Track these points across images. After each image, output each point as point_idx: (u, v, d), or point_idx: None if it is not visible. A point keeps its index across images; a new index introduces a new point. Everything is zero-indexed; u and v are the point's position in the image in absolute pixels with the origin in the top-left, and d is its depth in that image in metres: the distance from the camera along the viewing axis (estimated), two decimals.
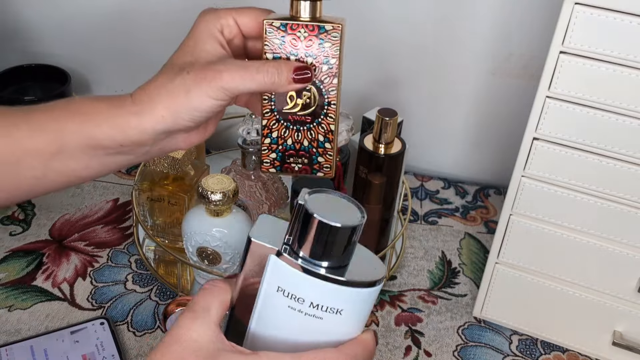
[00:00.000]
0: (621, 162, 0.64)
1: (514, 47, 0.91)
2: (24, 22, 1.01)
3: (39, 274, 0.80)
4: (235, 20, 0.51)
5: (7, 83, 0.97)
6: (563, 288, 0.73)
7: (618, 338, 0.72)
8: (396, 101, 0.97)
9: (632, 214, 0.66)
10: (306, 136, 0.50)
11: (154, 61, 1.01)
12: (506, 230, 0.72)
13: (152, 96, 0.48)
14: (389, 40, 0.94)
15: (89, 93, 1.06)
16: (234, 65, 0.48)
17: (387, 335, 0.76)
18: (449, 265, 0.87)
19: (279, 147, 0.50)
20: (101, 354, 0.70)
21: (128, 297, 0.78)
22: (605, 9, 0.58)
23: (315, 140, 0.50)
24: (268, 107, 0.50)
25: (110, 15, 0.98)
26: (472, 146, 1.01)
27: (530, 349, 0.76)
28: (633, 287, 0.69)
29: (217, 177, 0.72)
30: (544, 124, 0.65)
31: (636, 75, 0.60)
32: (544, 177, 0.68)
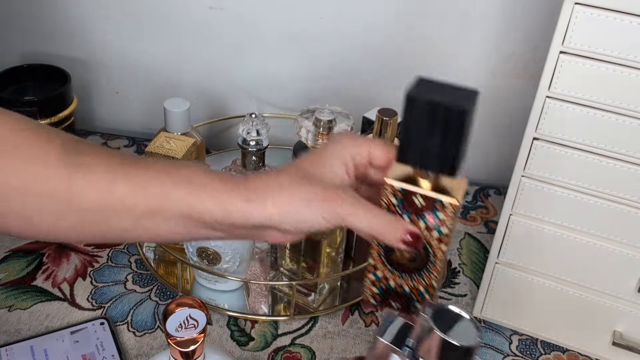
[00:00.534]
0: (621, 162, 0.64)
1: (514, 47, 0.91)
2: (24, 22, 1.01)
3: (39, 274, 0.80)
4: (369, 151, 0.52)
5: (7, 83, 0.97)
6: (563, 288, 0.73)
7: (618, 338, 0.72)
8: (396, 101, 0.97)
9: (632, 214, 0.66)
10: (408, 283, 0.52)
11: (154, 62, 1.01)
12: (506, 230, 0.72)
13: (269, 191, 0.48)
14: (389, 40, 0.94)
15: (89, 93, 1.06)
16: (357, 201, 0.49)
17: None
18: (449, 265, 0.87)
19: (382, 285, 0.53)
20: (101, 354, 0.70)
21: (128, 297, 0.78)
22: (605, 9, 0.58)
23: (416, 289, 0.53)
24: (377, 249, 0.52)
25: (110, 15, 0.98)
26: (472, 146, 1.01)
27: (530, 349, 0.76)
28: (633, 287, 0.69)
29: None
30: (544, 124, 0.65)
31: (636, 75, 0.60)
32: (544, 177, 0.68)
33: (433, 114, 0.52)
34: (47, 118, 0.94)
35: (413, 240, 0.47)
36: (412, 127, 0.53)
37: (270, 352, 0.73)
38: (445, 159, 0.54)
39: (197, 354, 0.55)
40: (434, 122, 0.52)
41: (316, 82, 0.99)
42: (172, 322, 0.54)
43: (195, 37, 0.98)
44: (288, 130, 0.86)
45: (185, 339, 0.53)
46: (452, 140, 0.53)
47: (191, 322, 0.54)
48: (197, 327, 0.54)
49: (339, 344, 0.75)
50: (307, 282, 0.76)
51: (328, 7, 0.93)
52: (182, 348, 0.54)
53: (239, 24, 0.96)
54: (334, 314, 0.78)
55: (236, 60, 0.99)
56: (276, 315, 0.78)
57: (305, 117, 0.81)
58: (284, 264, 0.77)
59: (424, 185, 0.53)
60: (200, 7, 0.95)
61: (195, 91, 1.02)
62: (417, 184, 0.53)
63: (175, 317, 0.54)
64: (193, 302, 0.55)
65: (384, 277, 0.52)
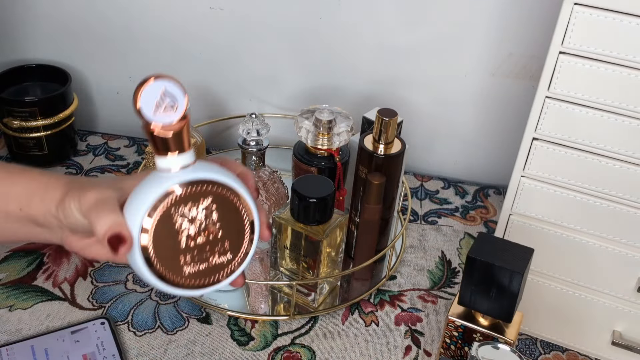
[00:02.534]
0: (621, 162, 0.64)
1: (514, 47, 0.91)
2: (25, 22, 1.01)
3: (39, 274, 0.80)
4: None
5: (7, 83, 0.97)
6: (563, 288, 0.73)
7: (617, 338, 0.72)
8: (396, 101, 0.97)
9: (632, 213, 0.66)
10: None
11: (154, 61, 1.01)
12: (506, 230, 0.72)
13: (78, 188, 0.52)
14: (389, 40, 0.94)
15: (89, 93, 1.06)
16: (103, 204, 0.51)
17: (387, 335, 0.76)
18: (448, 265, 0.87)
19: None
20: (101, 353, 0.70)
21: (128, 297, 0.78)
22: (605, 9, 0.59)
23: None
24: None
25: (110, 15, 0.98)
26: (472, 146, 1.01)
27: (530, 349, 0.76)
28: (633, 287, 0.69)
29: None
30: (544, 124, 0.65)
31: (636, 75, 0.60)
32: (543, 177, 0.68)
33: (490, 274, 0.62)
34: (47, 118, 0.94)
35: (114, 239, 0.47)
36: (472, 283, 0.63)
37: (270, 352, 0.73)
38: (500, 310, 0.63)
39: (185, 144, 0.48)
40: (492, 280, 0.62)
41: (316, 82, 0.99)
42: (145, 99, 0.46)
43: (195, 37, 0.98)
44: (288, 130, 0.86)
45: (166, 124, 0.46)
46: (508, 295, 0.62)
47: (167, 102, 0.47)
48: (177, 105, 0.47)
49: (339, 343, 0.75)
50: (307, 282, 0.77)
51: (328, 7, 0.93)
52: (163, 134, 0.47)
53: (239, 24, 0.96)
54: (334, 313, 0.78)
55: (236, 60, 0.99)
56: (276, 315, 0.78)
57: (305, 117, 0.81)
58: (284, 264, 0.77)
59: (482, 322, 0.65)
60: (200, 7, 0.95)
61: (195, 91, 1.02)
62: (475, 322, 0.65)
63: (148, 92, 0.46)
64: (166, 76, 0.47)
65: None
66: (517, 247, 0.63)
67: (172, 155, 0.48)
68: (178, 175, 0.48)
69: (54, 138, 0.96)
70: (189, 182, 0.47)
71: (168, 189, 0.47)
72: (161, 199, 0.47)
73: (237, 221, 0.50)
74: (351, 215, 0.82)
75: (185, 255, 0.48)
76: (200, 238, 0.49)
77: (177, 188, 0.47)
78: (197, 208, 0.48)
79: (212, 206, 0.48)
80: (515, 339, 0.64)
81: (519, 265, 0.61)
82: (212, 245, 0.49)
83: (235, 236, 0.50)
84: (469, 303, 0.64)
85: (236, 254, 0.51)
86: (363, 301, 0.80)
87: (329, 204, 0.72)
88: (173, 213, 0.47)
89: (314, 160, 0.82)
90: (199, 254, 0.49)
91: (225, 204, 0.49)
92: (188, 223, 0.48)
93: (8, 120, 0.93)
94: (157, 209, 0.47)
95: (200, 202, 0.48)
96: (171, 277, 0.48)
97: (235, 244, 0.50)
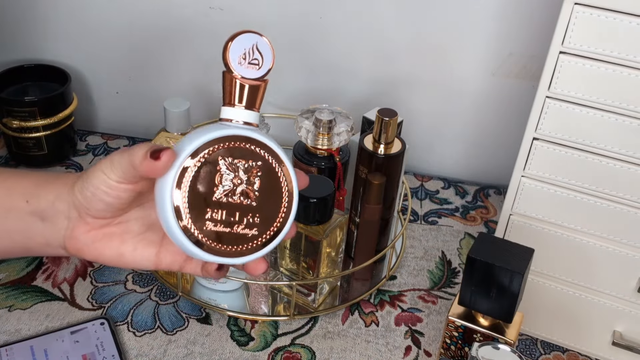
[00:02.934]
0: (621, 162, 0.64)
1: (514, 47, 0.91)
2: (25, 22, 1.01)
3: (39, 274, 0.80)
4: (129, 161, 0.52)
5: (7, 83, 0.97)
6: (563, 288, 0.73)
7: (618, 338, 0.72)
8: (396, 101, 0.97)
9: (632, 214, 0.66)
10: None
11: (154, 61, 1.01)
12: (506, 230, 0.72)
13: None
14: (389, 40, 0.94)
15: (89, 93, 1.06)
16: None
17: (387, 335, 0.76)
18: (449, 265, 0.87)
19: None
20: (101, 354, 0.70)
21: (128, 297, 0.78)
22: (605, 9, 0.58)
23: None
24: None
25: (110, 15, 0.98)
26: (472, 146, 1.01)
27: (530, 349, 0.76)
28: (633, 287, 0.69)
29: None
30: (544, 124, 0.65)
31: (636, 75, 0.60)
32: (544, 177, 0.68)
33: (491, 274, 0.62)
34: (47, 118, 0.94)
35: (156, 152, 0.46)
36: (473, 283, 0.63)
37: (270, 352, 0.73)
38: (501, 310, 0.63)
39: (256, 102, 0.49)
40: (492, 280, 0.62)
41: (316, 82, 0.99)
42: (236, 46, 0.47)
43: (195, 36, 0.98)
44: (288, 130, 0.86)
45: (248, 80, 0.48)
46: (508, 295, 0.62)
47: (255, 58, 0.49)
48: (262, 64, 0.49)
49: (339, 344, 0.75)
50: (307, 282, 0.76)
51: (328, 6, 0.93)
52: (240, 81, 0.48)
53: (239, 24, 0.96)
54: (334, 314, 0.78)
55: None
56: (276, 315, 0.78)
57: (305, 117, 0.81)
58: (284, 264, 0.77)
59: (482, 322, 0.65)
60: (200, 7, 0.95)
61: (195, 91, 1.02)
62: (476, 322, 0.65)
63: (241, 41, 0.47)
64: (264, 36, 0.48)
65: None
66: (518, 247, 0.63)
67: (239, 107, 0.48)
68: (238, 128, 0.47)
69: (54, 138, 0.96)
70: (246, 137, 0.47)
71: (226, 134, 0.46)
72: (215, 141, 0.46)
73: (276, 200, 0.48)
74: (351, 215, 0.82)
75: (213, 210, 0.47)
76: (235, 198, 0.47)
77: (234, 137, 0.46)
78: (244, 166, 0.47)
79: (258, 172, 0.48)
80: (516, 340, 0.64)
81: (520, 265, 0.61)
82: (243, 213, 0.48)
83: (268, 214, 0.48)
84: (469, 303, 0.64)
85: (263, 232, 0.49)
86: (363, 301, 0.80)
87: (329, 204, 0.72)
88: (220, 159, 0.46)
89: (314, 160, 0.82)
90: (227, 216, 0.47)
91: (271, 177, 0.48)
92: (230, 177, 0.47)
93: (7, 120, 0.93)
94: (207, 148, 0.46)
95: (249, 162, 0.47)
96: (190, 224, 0.46)
97: (265, 222, 0.48)
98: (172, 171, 0.46)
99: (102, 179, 0.49)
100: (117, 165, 0.48)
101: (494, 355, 0.59)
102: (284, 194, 0.49)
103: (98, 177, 0.49)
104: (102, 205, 0.50)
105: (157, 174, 0.46)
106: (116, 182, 0.48)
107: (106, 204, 0.50)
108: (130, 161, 0.47)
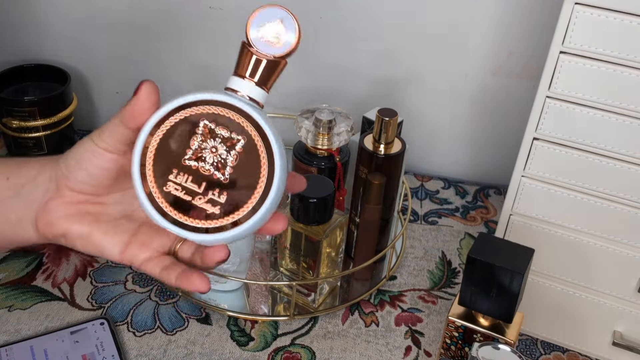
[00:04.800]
0: (621, 162, 0.64)
1: (514, 47, 0.91)
2: (25, 22, 1.01)
3: (38, 274, 0.80)
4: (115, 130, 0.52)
5: (7, 83, 0.97)
6: (563, 288, 0.73)
7: (618, 338, 0.72)
8: (396, 101, 0.97)
9: (632, 214, 0.66)
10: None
11: (154, 61, 1.01)
12: (506, 230, 0.72)
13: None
14: (389, 39, 0.94)
15: (89, 93, 1.06)
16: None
17: (387, 335, 0.76)
18: (449, 265, 0.87)
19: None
20: (101, 354, 0.70)
21: (128, 297, 0.78)
22: (605, 9, 0.58)
23: None
24: None
25: (110, 15, 0.98)
26: (472, 146, 1.01)
27: (530, 349, 0.76)
28: (633, 287, 0.69)
29: None
30: (544, 124, 0.65)
31: (636, 75, 0.60)
32: (544, 177, 0.68)
33: (491, 274, 0.62)
34: (47, 118, 0.94)
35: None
36: (473, 283, 0.63)
37: (270, 352, 0.73)
38: (501, 311, 0.63)
39: (268, 80, 0.46)
40: (492, 280, 0.62)
41: (316, 82, 0.99)
42: (258, 21, 0.45)
43: (195, 37, 0.98)
44: (288, 130, 0.86)
45: (266, 55, 0.45)
46: (508, 295, 0.62)
47: (277, 34, 0.46)
48: (280, 46, 0.45)
49: (339, 344, 0.75)
50: (307, 282, 0.76)
51: (328, 6, 0.93)
52: (257, 55, 0.45)
53: (239, 24, 0.96)
54: (334, 314, 0.78)
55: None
56: (276, 315, 0.77)
57: (305, 117, 0.81)
58: (284, 264, 0.77)
59: (482, 323, 0.65)
60: (200, 7, 0.95)
61: None
62: (476, 322, 0.65)
63: (263, 16, 0.45)
64: (294, 16, 0.46)
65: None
66: (518, 247, 0.63)
67: (249, 80, 0.45)
68: (238, 99, 0.44)
69: (54, 138, 0.96)
70: (240, 109, 0.44)
71: (221, 98, 0.44)
72: (204, 102, 0.44)
73: (249, 185, 0.44)
74: (351, 215, 0.82)
75: (179, 172, 0.44)
76: (204, 165, 0.44)
77: (226, 104, 0.44)
78: (225, 136, 0.44)
79: (239, 149, 0.44)
80: (516, 340, 0.64)
81: (520, 265, 0.61)
82: (209, 186, 0.44)
83: (236, 197, 0.44)
84: (469, 303, 0.64)
85: (225, 214, 0.44)
86: (363, 301, 0.80)
87: (329, 204, 0.72)
88: (202, 121, 0.44)
89: (314, 160, 0.82)
90: (192, 183, 0.44)
91: (252, 159, 0.44)
92: (207, 141, 0.44)
93: (7, 120, 0.93)
94: (194, 106, 0.44)
95: (232, 134, 0.44)
96: (150, 179, 0.44)
97: (230, 204, 0.44)
98: (151, 120, 0.44)
99: (89, 145, 0.48)
100: (105, 129, 0.47)
101: (494, 355, 0.59)
102: (260, 182, 0.44)
103: (84, 145, 0.48)
104: (82, 174, 0.48)
105: (140, 111, 0.45)
106: (103, 148, 0.47)
107: (87, 174, 0.48)
108: (119, 117, 0.46)
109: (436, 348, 0.75)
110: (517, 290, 0.61)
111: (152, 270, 0.50)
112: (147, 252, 0.50)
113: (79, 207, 0.50)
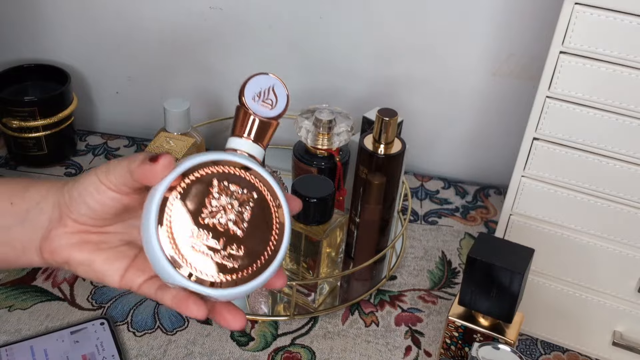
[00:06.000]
0: (621, 162, 0.64)
1: (514, 47, 0.91)
2: (25, 22, 1.01)
3: (39, 274, 0.80)
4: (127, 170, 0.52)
5: (7, 83, 0.97)
6: (563, 288, 0.73)
7: (618, 338, 0.72)
8: (396, 101, 0.97)
9: (632, 214, 0.66)
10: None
11: (154, 61, 1.01)
12: (506, 230, 0.72)
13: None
14: (389, 40, 0.94)
15: (89, 93, 1.06)
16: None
17: (387, 335, 0.76)
18: (449, 265, 0.87)
19: None
20: (101, 354, 0.70)
21: (128, 298, 0.78)
22: (605, 9, 0.58)
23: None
24: None
25: (110, 15, 0.98)
26: (472, 146, 1.01)
27: (530, 349, 0.76)
28: (633, 287, 0.69)
29: None
30: (544, 124, 0.65)
31: (636, 76, 0.60)
32: (544, 177, 0.68)
33: (491, 274, 0.62)
34: (47, 118, 0.94)
35: (155, 157, 0.46)
36: (473, 283, 0.63)
37: (270, 352, 0.73)
38: (501, 311, 0.63)
39: (264, 139, 0.49)
40: (492, 280, 0.62)
41: (316, 82, 0.99)
42: (252, 87, 0.49)
43: (195, 36, 0.98)
44: (288, 130, 0.86)
45: (260, 116, 0.49)
46: (508, 295, 0.62)
47: (269, 98, 0.50)
48: (275, 105, 0.50)
49: (339, 344, 0.75)
50: (307, 282, 0.76)
51: (328, 6, 0.93)
52: (252, 115, 0.49)
53: (239, 24, 0.96)
54: (334, 314, 0.78)
55: (236, 60, 0.99)
56: (276, 315, 0.78)
57: (305, 117, 0.81)
58: (284, 264, 0.77)
59: (482, 323, 0.65)
60: (200, 7, 0.95)
61: (195, 91, 1.02)
62: (476, 322, 0.65)
63: (256, 82, 0.50)
64: (282, 82, 0.51)
65: None
66: (518, 247, 0.63)
67: (246, 139, 0.49)
68: (241, 157, 0.48)
69: (54, 138, 0.96)
70: (247, 167, 0.47)
71: (227, 158, 0.47)
72: (213, 162, 0.46)
73: (264, 237, 0.47)
74: (351, 215, 0.82)
75: (197, 229, 0.45)
76: (223, 222, 0.46)
77: (235, 164, 0.47)
78: (238, 193, 0.46)
79: (251, 203, 0.47)
80: (516, 340, 0.64)
81: (520, 265, 0.61)
82: (228, 241, 0.46)
83: (252, 249, 0.46)
84: (469, 303, 0.64)
85: (244, 267, 0.46)
86: (363, 301, 0.80)
87: (329, 204, 0.72)
88: (214, 180, 0.46)
89: (314, 160, 0.82)
90: (211, 239, 0.46)
91: (264, 212, 0.47)
92: (221, 200, 0.46)
93: (7, 120, 0.93)
94: (204, 167, 0.46)
95: (244, 190, 0.47)
96: (171, 244, 0.44)
97: (247, 257, 0.46)
98: (167, 179, 0.45)
99: (93, 180, 0.48)
100: (112, 170, 0.48)
101: (494, 355, 0.59)
102: (274, 234, 0.47)
103: (89, 179, 0.49)
104: (85, 208, 0.49)
105: (154, 177, 0.46)
106: (106, 186, 0.48)
107: (89, 208, 0.49)
108: (127, 165, 0.47)
109: (436, 348, 0.75)
110: (517, 290, 0.61)
111: (148, 291, 0.51)
112: (144, 275, 0.51)
113: (81, 236, 0.51)
